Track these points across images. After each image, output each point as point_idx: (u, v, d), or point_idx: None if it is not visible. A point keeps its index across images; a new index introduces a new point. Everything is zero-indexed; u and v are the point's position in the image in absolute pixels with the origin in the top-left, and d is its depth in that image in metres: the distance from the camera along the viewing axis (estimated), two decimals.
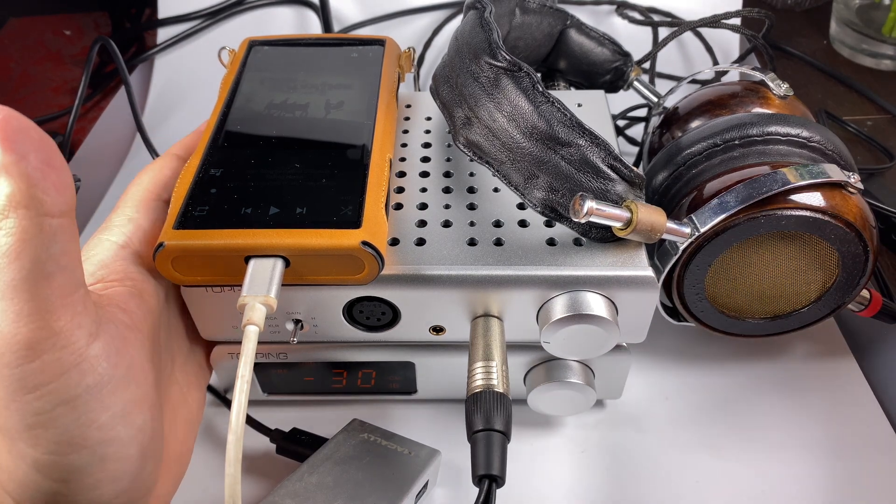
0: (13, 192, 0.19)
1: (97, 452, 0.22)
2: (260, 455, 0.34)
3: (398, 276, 0.28)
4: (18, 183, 0.19)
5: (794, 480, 0.33)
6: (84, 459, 0.21)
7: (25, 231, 0.19)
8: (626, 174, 0.27)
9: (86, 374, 0.21)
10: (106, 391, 0.22)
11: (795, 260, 0.31)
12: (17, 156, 0.19)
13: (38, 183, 0.19)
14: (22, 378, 0.20)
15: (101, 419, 0.22)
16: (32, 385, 0.20)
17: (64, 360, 0.20)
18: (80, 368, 0.21)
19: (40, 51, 0.64)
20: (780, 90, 0.34)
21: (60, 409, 0.20)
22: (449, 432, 0.34)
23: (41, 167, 0.19)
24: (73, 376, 0.20)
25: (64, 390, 0.20)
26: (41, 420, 0.20)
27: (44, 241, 0.19)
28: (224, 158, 0.29)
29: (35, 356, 0.20)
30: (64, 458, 0.21)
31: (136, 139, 0.54)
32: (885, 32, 0.56)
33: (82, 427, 0.21)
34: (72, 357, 0.20)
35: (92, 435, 0.21)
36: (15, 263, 0.19)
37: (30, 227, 0.19)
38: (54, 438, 0.21)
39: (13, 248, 0.19)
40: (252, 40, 0.36)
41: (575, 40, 0.42)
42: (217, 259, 0.26)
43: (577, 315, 0.28)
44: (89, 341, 0.21)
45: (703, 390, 0.37)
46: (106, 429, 0.22)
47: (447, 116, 0.31)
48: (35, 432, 0.20)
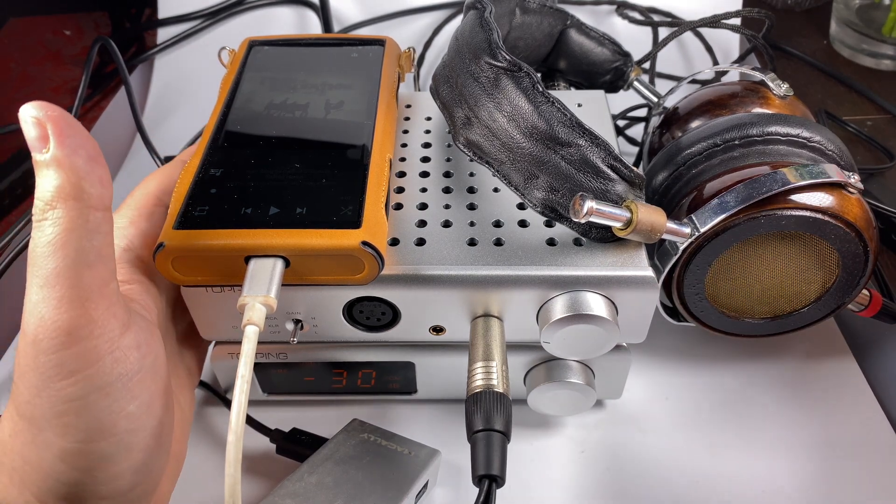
0: (62, 184, 0.20)
1: (124, 441, 0.22)
2: (260, 455, 0.34)
3: (398, 276, 0.28)
4: (69, 175, 0.20)
5: (794, 480, 0.33)
6: (111, 448, 0.22)
7: (72, 221, 0.20)
8: (626, 174, 0.27)
9: (118, 362, 0.22)
10: (135, 381, 0.22)
11: (795, 260, 0.31)
12: (68, 150, 0.20)
13: (86, 177, 0.20)
14: (59, 364, 0.20)
15: (130, 408, 0.22)
16: (68, 371, 0.20)
17: (100, 348, 0.21)
18: (113, 357, 0.21)
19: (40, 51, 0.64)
20: (780, 90, 0.34)
21: (94, 395, 0.21)
22: (449, 432, 0.34)
23: (89, 162, 0.20)
24: (107, 364, 0.21)
25: (98, 377, 0.21)
26: (74, 406, 0.21)
27: (88, 232, 0.20)
28: (224, 158, 0.29)
29: (73, 343, 0.20)
30: (92, 446, 0.22)
31: (136, 139, 0.54)
32: (885, 32, 0.56)
33: (113, 415, 0.22)
34: (106, 345, 0.21)
35: (120, 423, 0.22)
36: (60, 252, 0.20)
37: (76, 217, 0.20)
38: (85, 426, 0.21)
39: (60, 237, 0.20)
40: (252, 40, 0.36)
41: (575, 40, 0.42)
42: (217, 259, 0.26)
43: (577, 315, 0.28)
44: (122, 332, 0.22)
45: (703, 390, 0.37)
46: (133, 418, 0.22)
47: (447, 116, 0.31)
48: (66, 419, 0.21)
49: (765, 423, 0.35)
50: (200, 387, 0.37)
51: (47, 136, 0.20)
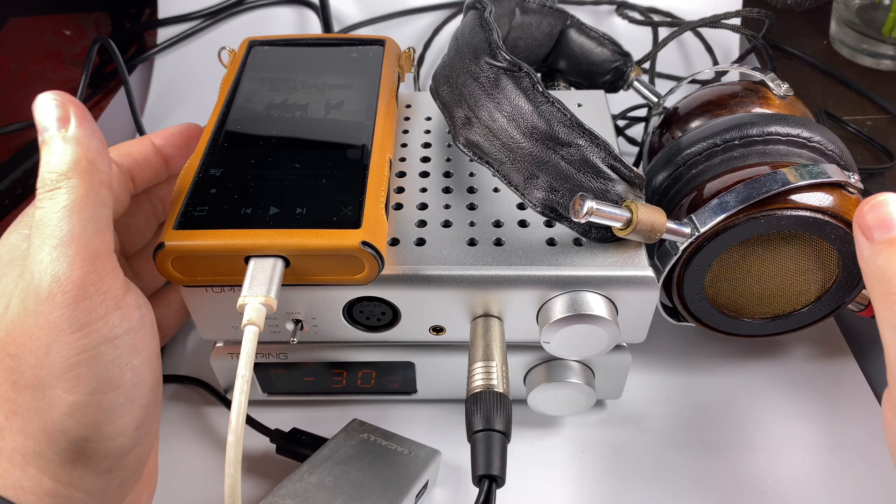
0: (79, 159, 0.23)
1: (130, 394, 0.24)
2: (260, 455, 0.34)
3: (398, 276, 0.28)
4: (86, 152, 0.23)
5: (794, 480, 0.33)
6: (119, 399, 0.23)
7: (87, 190, 0.22)
8: (626, 174, 0.27)
9: (125, 318, 0.23)
10: (139, 336, 0.24)
11: (795, 260, 0.31)
12: (88, 131, 0.24)
13: (99, 156, 0.23)
14: (72, 316, 0.22)
15: (135, 361, 0.24)
16: (80, 323, 0.22)
17: (108, 304, 0.23)
18: (120, 312, 0.23)
19: (40, 51, 0.64)
20: (780, 90, 0.34)
21: (104, 346, 0.23)
22: (449, 432, 0.34)
23: (101, 143, 0.24)
24: (115, 318, 0.23)
25: (108, 329, 0.23)
26: (86, 357, 0.22)
27: (98, 204, 0.23)
28: (224, 158, 0.29)
29: (85, 297, 0.22)
30: (101, 398, 0.23)
31: None
32: (885, 32, 0.56)
33: (121, 367, 0.23)
34: (113, 302, 0.23)
35: (127, 375, 0.23)
36: (76, 216, 0.22)
37: (90, 188, 0.23)
38: (95, 376, 0.22)
39: (76, 203, 0.22)
40: (252, 40, 0.36)
41: (575, 40, 0.42)
42: (217, 259, 0.26)
43: (577, 315, 0.28)
44: (125, 292, 0.24)
45: (703, 390, 0.37)
46: (138, 371, 0.24)
47: (447, 116, 0.31)
48: (78, 370, 0.22)
49: (765, 423, 0.35)
50: (200, 387, 0.37)
51: (69, 117, 0.23)
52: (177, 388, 0.37)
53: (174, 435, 0.35)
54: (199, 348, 0.39)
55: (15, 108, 0.57)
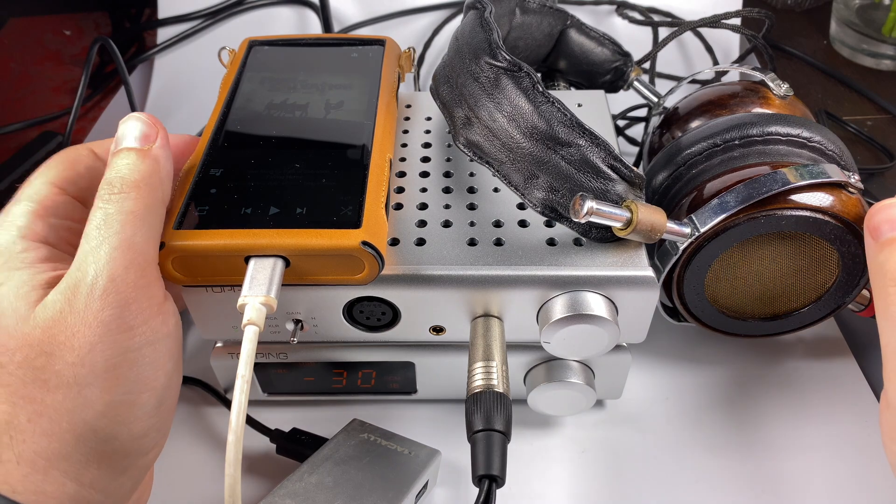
0: (152, 172, 0.24)
1: (161, 396, 0.24)
2: (260, 455, 0.34)
3: (398, 276, 0.28)
4: (159, 170, 0.25)
5: (794, 480, 0.33)
6: (151, 401, 0.24)
7: (150, 200, 0.24)
8: (626, 174, 0.27)
9: (164, 324, 0.24)
10: (173, 341, 0.25)
11: (795, 260, 0.31)
12: (166, 154, 0.26)
13: (168, 178, 0.26)
14: (121, 317, 0.23)
15: (169, 365, 0.25)
16: (129, 325, 0.23)
17: (152, 308, 0.24)
18: (161, 318, 0.24)
19: (40, 51, 0.64)
20: (780, 90, 0.34)
21: (146, 349, 0.23)
22: (449, 432, 0.34)
23: (172, 170, 0.26)
24: (157, 323, 0.24)
25: (151, 333, 0.24)
26: (129, 358, 0.23)
27: (156, 217, 0.25)
28: (224, 158, 0.29)
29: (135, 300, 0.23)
30: (136, 398, 0.23)
31: None
32: (885, 32, 0.56)
33: (157, 370, 0.24)
34: (156, 307, 0.24)
35: (160, 378, 0.24)
36: (139, 223, 0.23)
37: (153, 202, 0.24)
38: (134, 377, 0.23)
39: (141, 211, 0.24)
40: (252, 40, 0.36)
41: (575, 40, 0.42)
42: (217, 259, 0.26)
43: (577, 315, 0.28)
44: (164, 299, 0.25)
45: (703, 390, 0.37)
46: (170, 375, 0.25)
47: (447, 116, 0.31)
48: (119, 371, 0.23)
49: (765, 423, 0.35)
50: (200, 387, 0.37)
51: (155, 137, 0.25)
52: None
53: (174, 435, 0.34)
54: (199, 348, 0.39)
55: (15, 108, 0.57)
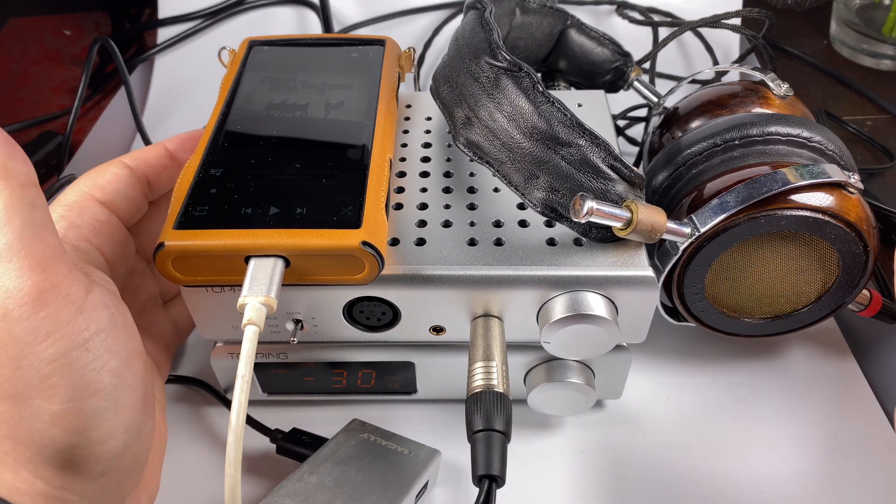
0: None
1: (111, 396, 0.23)
2: (260, 455, 0.34)
3: (398, 276, 0.28)
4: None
5: (794, 480, 0.33)
6: (101, 403, 0.23)
7: (9, 198, 0.21)
8: (627, 174, 0.27)
9: (91, 320, 0.22)
10: (111, 337, 0.23)
11: (795, 260, 0.31)
12: None
13: (9, 156, 0.21)
14: (34, 328, 0.21)
15: (112, 363, 0.23)
16: (45, 333, 0.21)
17: (70, 308, 0.22)
18: (85, 315, 0.22)
19: (40, 51, 0.64)
20: (781, 90, 0.34)
21: (75, 352, 0.22)
22: (449, 432, 0.34)
23: (7, 144, 0.21)
24: (79, 322, 0.22)
25: (75, 334, 0.22)
26: (58, 366, 0.21)
27: (27, 206, 0.21)
28: (224, 158, 0.29)
29: (43, 305, 0.21)
30: (81, 404, 0.22)
31: (136, 139, 0.54)
32: (885, 32, 0.56)
33: (96, 370, 0.22)
34: (75, 305, 0.22)
35: (105, 378, 0.23)
36: (6, 228, 0.21)
37: (11, 194, 0.21)
38: (71, 383, 0.22)
39: (3, 214, 0.20)
40: (252, 40, 0.36)
41: (575, 40, 0.42)
42: (217, 259, 0.26)
43: (577, 315, 0.28)
44: (86, 292, 0.23)
45: (703, 390, 0.37)
46: (116, 373, 0.23)
47: (447, 116, 0.31)
48: (52, 380, 0.21)
49: (765, 423, 0.35)
50: (200, 387, 0.37)
51: None
52: (177, 388, 0.37)
53: (174, 435, 0.35)
54: (199, 348, 0.39)
55: (15, 108, 0.57)
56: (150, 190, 0.31)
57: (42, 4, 0.69)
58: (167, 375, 0.32)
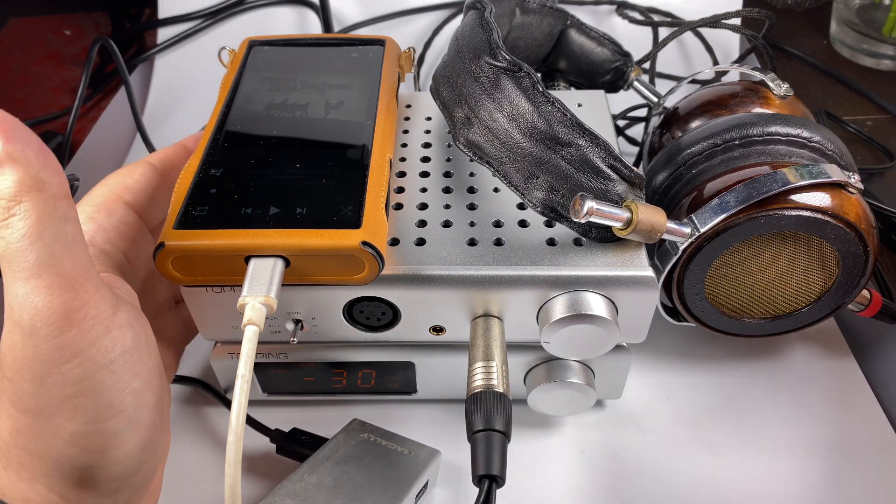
0: (23, 178, 0.19)
1: (132, 418, 0.23)
2: (260, 455, 0.34)
3: (398, 276, 0.28)
4: (26, 169, 0.20)
5: (794, 480, 0.33)
6: (122, 425, 0.22)
7: (41, 211, 0.20)
8: (626, 174, 0.27)
9: (117, 341, 0.22)
10: (135, 357, 0.23)
11: (795, 260, 0.31)
12: (20, 144, 0.20)
13: (43, 167, 0.20)
14: (61, 348, 0.21)
15: (135, 384, 0.23)
16: (71, 353, 0.21)
17: (97, 328, 0.21)
18: (111, 336, 0.22)
19: (40, 51, 0.64)
20: (780, 90, 0.34)
21: (100, 374, 0.21)
22: (449, 432, 0.34)
23: (41, 154, 0.20)
24: (105, 343, 0.22)
25: (101, 356, 0.21)
26: (82, 388, 0.21)
27: (59, 220, 0.20)
28: (224, 158, 0.29)
29: (71, 325, 0.21)
30: (103, 425, 0.22)
31: (136, 139, 0.54)
32: (885, 32, 0.56)
33: (120, 392, 0.22)
34: (102, 325, 0.21)
35: (127, 400, 0.22)
36: (38, 242, 0.20)
37: (44, 207, 0.20)
38: (94, 405, 0.22)
39: (34, 228, 0.20)
40: (252, 40, 0.36)
41: (575, 40, 0.42)
42: (217, 259, 0.26)
43: (577, 315, 0.28)
44: (114, 311, 0.22)
45: (703, 390, 0.37)
46: (138, 394, 0.23)
47: (447, 116, 0.31)
48: (76, 401, 0.21)
49: (765, 423, 0.35)
50: (200, 387, 0.37)
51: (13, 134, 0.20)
52: (177, 388, 0.37)
53: (174, 435, 0.34)
54: (199, 348, 0.39)
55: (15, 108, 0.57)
56: None
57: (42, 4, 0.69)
58: (173, 377, 0.32)
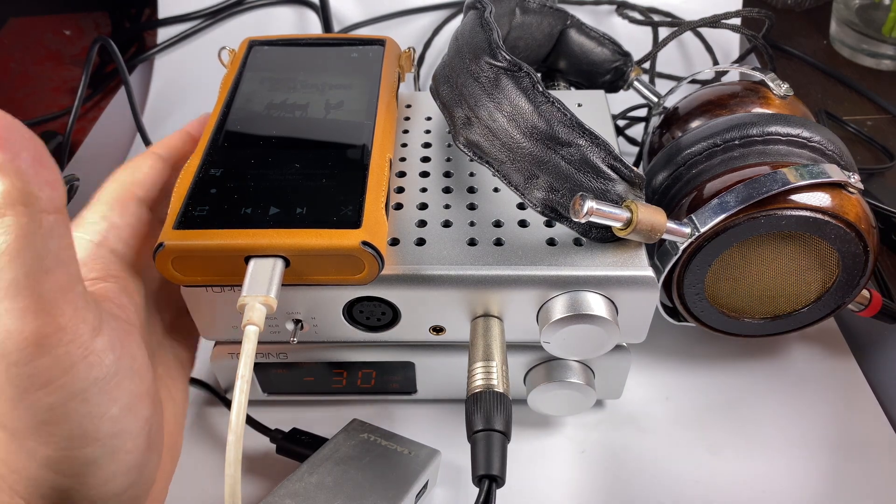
0: (8, 190, 0.18)
1: (108, 445, 0.22)
2: (260, 455, 0.34)
3: (398, 276, 0.28)
4: (14, 181, 0.18)
5: (794, 480, 0.33)
6: (97, 453, 0.22)
7: (24, 228, 0.19)
8: (626, 174, 0.27)
9: (93, 367, 0.21)
10: (113, 383, 0.22)
11: (795, 260, 0.31)
12: (10, 154, 0.18)
13: (33, 180, 0.19)
14: (32, 375, 0.20)
15: (112, 411, 0.22)
16: (43, 381, 0.20)
17: (72, 354, 0.20)
18: (87, 362, 0.21)
19: (40, 51, 0.64)
20: (780, 90, 0.34)
21: (72, 403, 0.20)
22: (449, 432, 0.34)
23: (34, 164, 0.19)
24: (81, 370, 0.20)
25: (74, 383, 0.20)
26: (54, 416, 0.20)
27: (42, 238, 0.19)
28: (224, 158, 0.29)
29: (43, 352, 0.19)
30: (77, 452, 0.21)
31: (136, 139, 0.54)
32: (885, 32, 0.56)
33: (94, 420, 0.21)
34: (79, 350, 0.20)
35: (103, 427, 0.22)
36: (16, 261, 0.19)
37: (28, 224, 0.19)
38: (67, 433, 0.21)
39: (13, 245, 0.18)
40: (252, 40, 0.36)
41: (575, 40, 0.42)
42: (217, 259, 0.26)
43: (577, 315, 0.28)
44: (94, 335, 0.21)
45: (703, 390, 0.37)
46: (116, 421, 0.22)
47: (447, 116, 0.31)
48: (48, 429, 0.20)
49: (765, 423, 0.35)
50: (200, 387, 0.37)
51: None
52: None
53: None
54: (199, 348, 0.39)
55: (15, 108, 0.57)
56: None
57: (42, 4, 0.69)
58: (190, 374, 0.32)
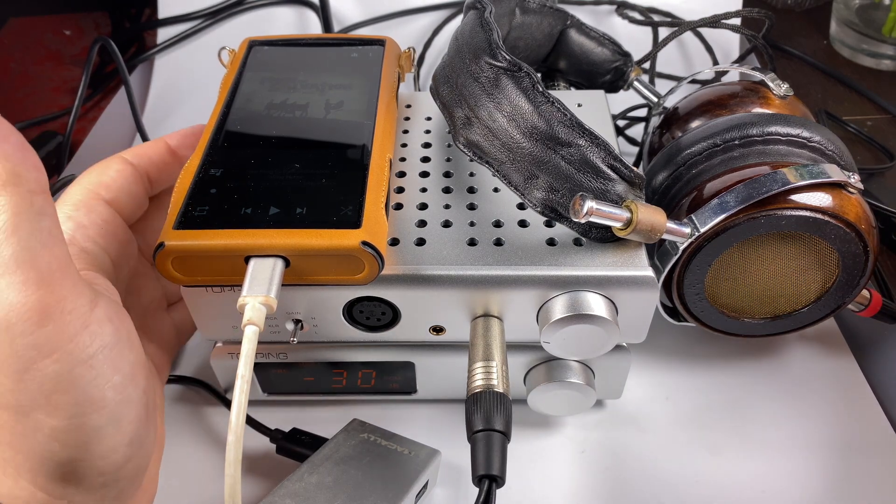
0: None
1: (114, 412, 0.22)
2: (260, 455, 0.34)
3: (398, 276, 0.28)
4: (3, 163, 0.20)
5: (794, 480, 0.33)
6: (103, 420, 0.22)
7: (18, 206, 0.20)
8: (626, 174, 0.27)
9: (96, 336, 0.22)
10: (115, 352, 0.23)
11: (795, 260, 0.31)
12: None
13: (21, 162, 0.20)
14: (38, 344, 0.20)
15: (115, 378, 0.22)
16: (48, 349, 0.21)
17: (74, 323, 0.21)
18: (89, 331, 0.22)
19: (40, 51, 0.64)
20: (780, 90, 0.34)
21: (79, 369, 0.21)
22: (449, 432, 0.34)
23: (20, 149, 0.20)
24: (84, 338, 0.21)
25: (79, 351, 0.21)
26: (61, 384, 0.21)
27: (36, 215, 0.20)
28: (224, 158, 0.29)
29: (47, 321, 0.20)
30: (84, 420, 0.22)
31: (136, 139, 0.54)
32: (885, 32, 0.56)
33: (100, 387, 0.22)
34: (80, 320, 0.21)
35: (108, 395, 0.22)
36: (13, 237, 0.20)
37: (20, 202, 0.20)
38: (74, 401, 0.21)
39: (10, 223, 0.20)
40: (252, 40, 0.36)
41: (575, 40, 0.42)
42: (217, 259, 0.26)
43: (577, 315, 0.28)
44: (92, 306, 0.22)
45: (703, 390, 0.37)
46: (120, 388, 0.23)
47: (447, 116, 0.31)
48: (55, 397, 0.21)
49: (765, 423, 0.35)
50: (200, 387, 0.37)
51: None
52: (177, 388, 0.37)
53: (174, 435, 0.35)
54: (199, 348, 0.39)
55: (15, 108, 0.57)
56: (151, 187, 0.31)
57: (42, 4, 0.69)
58: (166, 378, 0.32)
